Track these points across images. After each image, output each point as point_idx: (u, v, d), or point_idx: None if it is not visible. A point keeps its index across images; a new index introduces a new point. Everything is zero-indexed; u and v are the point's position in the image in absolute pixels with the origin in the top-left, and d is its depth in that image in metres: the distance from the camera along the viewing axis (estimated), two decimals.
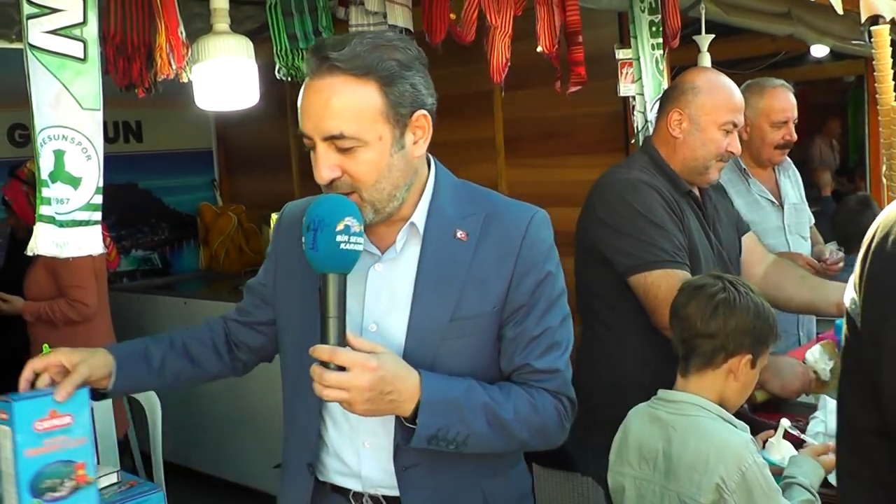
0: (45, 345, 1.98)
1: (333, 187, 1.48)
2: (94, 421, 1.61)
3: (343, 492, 1.65)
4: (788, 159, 3.43)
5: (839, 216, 3.94)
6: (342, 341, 1.42)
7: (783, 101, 3.20)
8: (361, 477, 1.62)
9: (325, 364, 1.40)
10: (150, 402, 3.14)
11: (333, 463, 1.64)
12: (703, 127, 2.38)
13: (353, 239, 1.40)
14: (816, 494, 1.88)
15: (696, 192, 2.49)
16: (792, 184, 3.40)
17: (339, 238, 1.39)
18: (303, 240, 1.43)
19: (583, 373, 2.53)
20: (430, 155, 1.60)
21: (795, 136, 3.25)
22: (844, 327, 1.17)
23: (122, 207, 5.16)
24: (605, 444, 2.06)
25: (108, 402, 3.06)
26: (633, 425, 1.98)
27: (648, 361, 2.30)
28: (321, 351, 1.40)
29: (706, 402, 1.88)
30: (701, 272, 2.30)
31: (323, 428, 1.64)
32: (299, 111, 1.49)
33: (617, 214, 2.31)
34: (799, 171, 3.54)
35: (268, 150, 5.53)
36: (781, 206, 3.27)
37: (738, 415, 2.18)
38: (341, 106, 1.43)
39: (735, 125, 2.42)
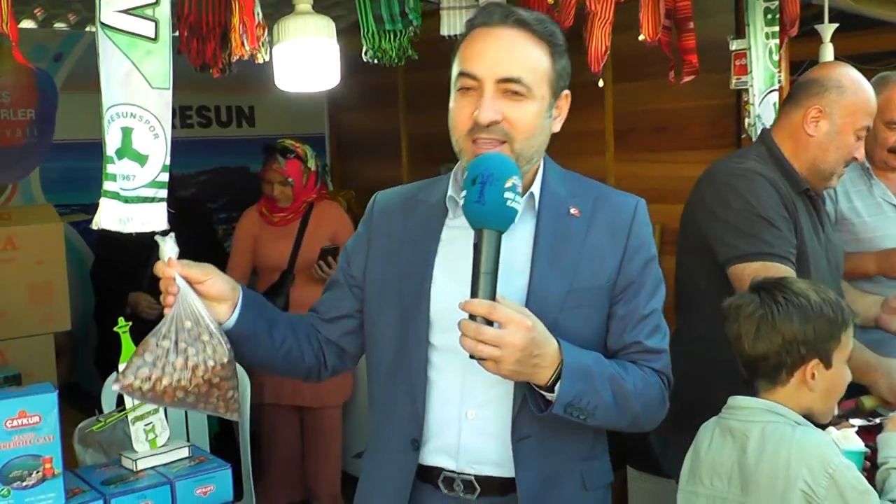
0: (121, 318, 2.05)
1: (489, 130, 1.51)
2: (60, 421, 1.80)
3: (433, 475, 1.61)
4: None
5: None
6: (493, 299, 1.42)
7: None
8: (459, 451, 1.59)
9: (472, 319, 1.40)
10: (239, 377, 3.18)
11: (431, 440, 1.61)
12: (840, 129, 2.26)
13: (516, 198, 1.44)
14: None
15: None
16: None
17: (506, 194, 1.42)
18: (462, 193, 1.46)
19: (678, 374, 2.42)
20: None
21: None
22: None
23: (233, 190, 5.21)
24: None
25: None
26: (703, 441, 1.85)
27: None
28: (477, 305, 1.40)
29: (777, 407, 1.75)
30: (810, 275, 2.18)
31: (429, 400, 1.61)
32: (466, 54, 1.55)
33: (725, 204, 2.22)
34: None
35: (379, 137, 5.57)
36: None
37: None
38: (524, 56, 1.53)
39: (868, 130, 2.29)
